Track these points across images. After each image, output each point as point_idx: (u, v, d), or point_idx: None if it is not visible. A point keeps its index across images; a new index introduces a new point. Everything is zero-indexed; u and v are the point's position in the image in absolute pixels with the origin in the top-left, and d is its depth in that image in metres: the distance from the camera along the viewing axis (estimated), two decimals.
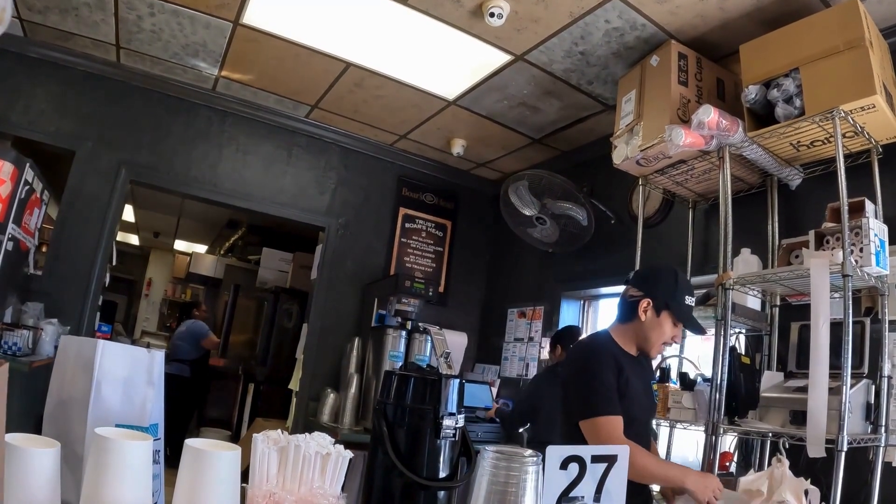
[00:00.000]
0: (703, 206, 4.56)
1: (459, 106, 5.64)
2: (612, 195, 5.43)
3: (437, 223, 7.14)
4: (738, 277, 3.52)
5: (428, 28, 4.52)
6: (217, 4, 4.75)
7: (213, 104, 6.39)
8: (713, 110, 3.51)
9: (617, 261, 5.19)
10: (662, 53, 4.09)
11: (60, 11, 5.22)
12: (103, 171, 5.96)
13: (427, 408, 1.62)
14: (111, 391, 1.58)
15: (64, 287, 5.68)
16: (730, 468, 3.69)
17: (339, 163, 6.84)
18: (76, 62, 5.94)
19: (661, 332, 2.87)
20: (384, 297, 6.18)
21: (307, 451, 1.44)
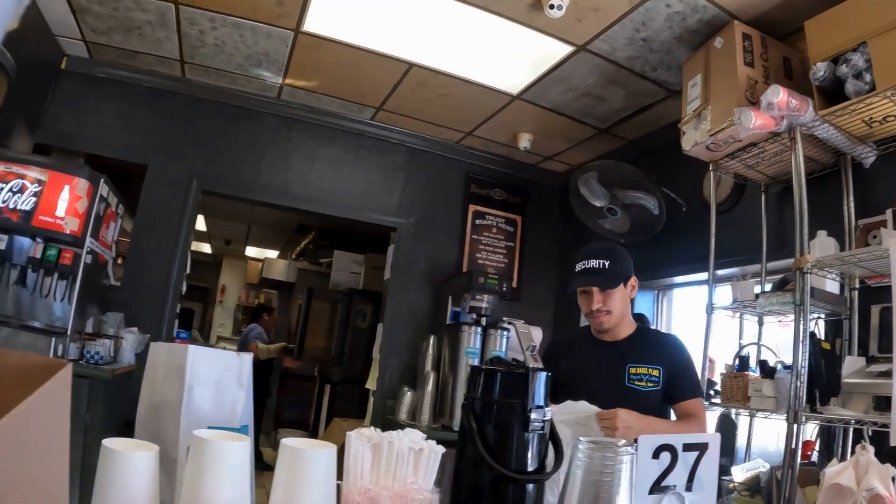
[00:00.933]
0: (775, 189, 4.45)
1: (524, 100, 5.60)
2: (681, 182, 5.32)
3: (508, 218, 7.11)
4: (816, 261, 3.43)
5: (487, 23, 4.51)
6: (277, 14, 4.81)
7: (279, 112, 6.48)
8: (782, 90, 3.42)
9: (690, 249, 5.08)
10: (726, 35, 4.00)
11: (124, 31, 5.36)
12: (175, 183, 6.11)
13: (515, 402, 1.61)
14: (202, 394, 1.61)
15: (142, 297, 5.84)
16: (812, 457, 3.60)
17: (406, 163, 6.87)
18: (142, 79, 6.10)
19: (582, 304, 3.09)
20: (458, 294, 6.19)
21: (400, 448, 1.45)
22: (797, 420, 3.26)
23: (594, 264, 2.99)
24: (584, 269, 3.01)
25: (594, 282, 2.99)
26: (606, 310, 2.99)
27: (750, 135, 3.72)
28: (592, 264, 2.99)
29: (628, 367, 2.97)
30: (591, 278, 2.99)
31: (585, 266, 3.01)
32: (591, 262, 3.00)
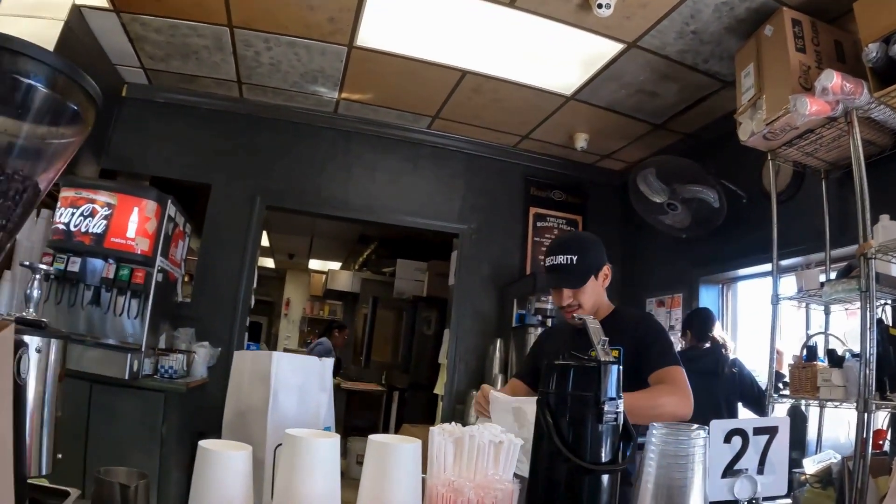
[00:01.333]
0: (835, 174, 4.37)
1: (578, 100, 5.60)
2: (739, 173, 5.26)
3: (568, 219, 7.10)
4: (880, 246, 3.37)
5: (537, 27, 4.54)
6: (330, 31, 4.91)
7: (337, 126, 6.60)
8: (835, 74, 3.38)
9: (753, 240, 5.03)
10: (775, 22, 3.95)
11: (181, 56, 5.53)
12: (239, 201, 6.26)
13: (588, 395, 1.63)
14: (287, 398, 1.67)
15: (212, 311, 6.00)
16: (883, 446, 3.53)
17: (465, 169, 6.91)
18: (201, 101, 6.29)
19: (554, 299, 2.98)
20: (523, 296, 6.21)
21: (481, 441, 1.49)
22: (867, 409, 3.21)
23: (561, 260, 2.88)
24: (551, 265, 2.90)
25: (561, 281, 2.89)
26: (577, 303, 2.89)
27: (806, 121, 3.67)
28: (560, 260, 2.88)
29: (589, 352, 2.88)
30: (559, 277, 2.89)
31: (553, 263, 2.90)
32: (559, 258, 2.89)
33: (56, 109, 1.13)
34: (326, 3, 4.60)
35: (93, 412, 4.52)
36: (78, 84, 1.11)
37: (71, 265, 4.68)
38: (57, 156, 1.19)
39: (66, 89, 1.11)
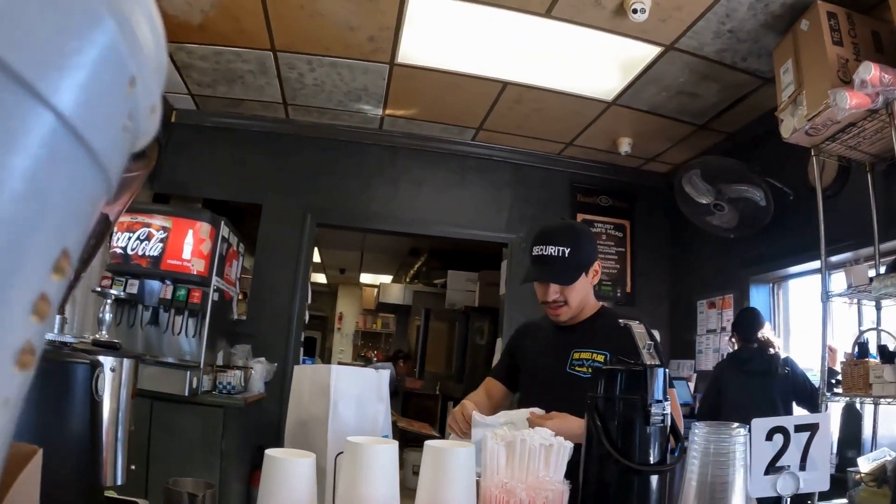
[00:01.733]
0: (881, 167, 4.32)
1: (619, 105, 5.63)
2: (785, 170, 5.22)
3: (616, 224, 7.10)
4: None
5: (574, 35, 4.58)
6: (371, 50, 5.02)
7: (382, 142, 6.70)
8: (873, 66, 3.37)
9: (801, 237, 4.99)
10: (811, 16, 3.94)
11: (227, 82, 5.67)
12: (290, 219, 6.39)
13: (635, 397, 1.67)
14: (346, 409, 1.73)
15: (267, 328, 6.12)
16: None
17: (511, 178, 6.95)
18: (249, 124, 6.44)
19: (538, 293, 2.69)
20: None
21: (532, 444, 1.54)
22: None
23: (552, 251, 2.58)
24: (540, 255, 2.60)
25: (551, 275, 2.59)
26: (563, 300, 2.62)
27: (847, 115, 3.66)
28: (550, 251, 2.58)
29: (572, 353, 2.64)
30: (548, 270, 2.59)
31: (542, 253, 2.59)
32: (548, 248, 2.58)
33: None
34: (366, 24, 4.70)
35: (154, 428, 4.65)
36: None
37: (130, 287, 4.83)
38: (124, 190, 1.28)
39: None
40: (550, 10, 4.33)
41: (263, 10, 4.70)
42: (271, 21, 4.82)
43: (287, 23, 4.83)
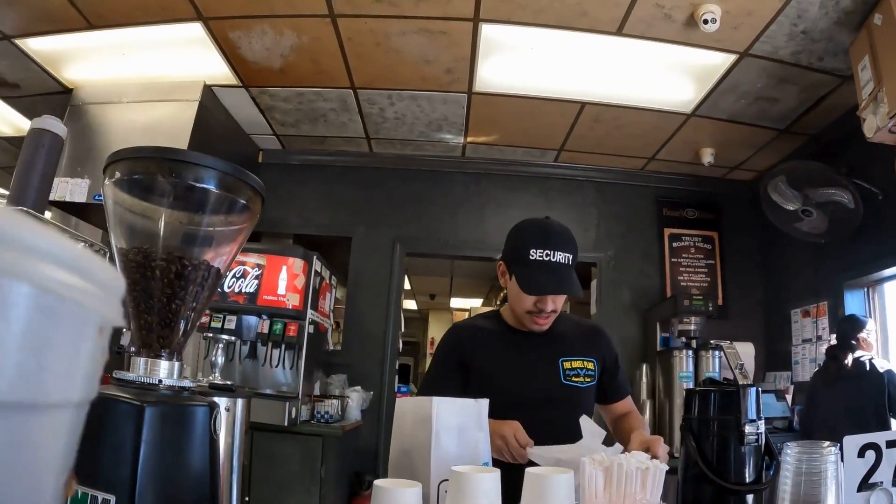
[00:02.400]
0: None
1: (699, 116, 5.60)
2: (872, 169, 5.07)
3: (704, 236, 7.01)
4: None
5: (647, 50, 4.62)
6: (448, 81, 5.14)
7: (466, 169, 6.81)
8: None
9: (894, 238, 4.90)
10: (884, 9, 3.85)
11: (310, 121, 5.88)
12: (379, 250, 6.55)
13: (729, 418, 1.70)
14: (448, 439, 1.78)
15: (362, 357, 6.27)
16: None
17: (595, 197, 6.96)
18: (334, 160, 6.65)
19: (518, 300, 2.43)
20: (665, 319, 6.17)
21: (629, 468, 1.56)
22: None
23: (560, 259, 2.33)
24: (552, 263, 2.32)
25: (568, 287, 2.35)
26: (554, 310, 2.42)
27: None
28: (559, 258, 2.33)
29: (562, 362, 2.47)
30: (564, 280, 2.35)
31: (551, 259, 2.32)
32: (557, 255, 2.33)
33: (228, 204, 1.33)
34: (442, 56, 4.82)
35: (255, 457, 4.79)
36: (244, 182, 1.31)
37: (228, 323, 5.01)
38: (232, 242, 1.40)
39: (234, 187, 1.31)
40: (621, 28, 4.37)
41: (341, 51, 4.86)
42: (349, 60, 4.99)
43: (365, 61, 4.99)
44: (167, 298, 1.29)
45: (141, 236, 1.35)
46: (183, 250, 1.31)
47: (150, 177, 1.31)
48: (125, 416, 1.13)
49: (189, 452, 1.20)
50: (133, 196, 1.35)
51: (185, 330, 1.33)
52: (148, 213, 1.35)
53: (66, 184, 5.13)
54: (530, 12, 4.29)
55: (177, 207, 1.34)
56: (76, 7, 4.67)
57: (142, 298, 1.29)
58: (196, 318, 1.35)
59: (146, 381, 1.24)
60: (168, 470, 1.17)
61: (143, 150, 1.29)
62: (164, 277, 1.29)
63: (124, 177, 1.31)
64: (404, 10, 4.36)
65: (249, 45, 4.93)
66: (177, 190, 1.30)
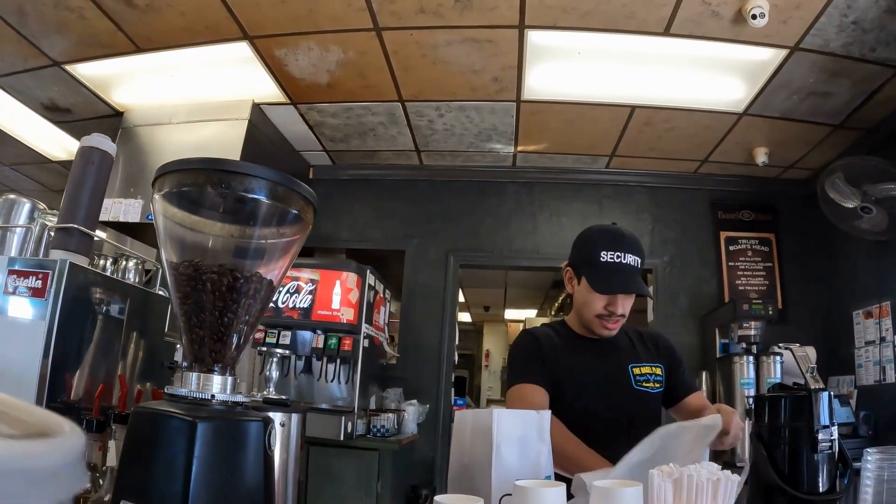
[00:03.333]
0: None
1: (751, 115, 5.48)
2: None
3: (760, 238, 6.87)
4: None
5: (695, 49, 4.54)
6: (496, 90, 5.12)
7: (517, 178, 6.78)
8: None
9: None
10: None
11: (359, 135, 5.91)
12: (433, 262, 6.55)
13: (800, 424, 1.65)
14: (509, 451, 1.75)
15: (417, 370, 6.28)
16: None
17: (649, 202, 6.87)
18: (384, 174, 6.67)
19: (588, 304, 2.44)
20: (724, 325, 6.03)
21: (699, 479, 1.52)
22: None
23: (630, 261, 2.38)
24: (622, 265, 2.37)
25: (638, 286, 2.40)
26: (622, 314, 2.43)
27: None
28: (629, 261, 2.38)
29: (631, 368, 2.48)
30: (635, 281, 2.40)
31: (621, 261, 2.37)
32: (627, 257, 2.38)
33: (279, 215, 1.32)
34: (489, 65, 4.81)
35: (311, 472, 4.81)
36: (295, 191, 1.30)
37: (282, 339, 5.04)
38: (285, 254, 1.38)
39: (285, 197, 1.30)
40: (668, 28, 4.30)
41: (388, 64, 4.87)
42: (396, 73, 4.99)
43: (412, 73, 4.99)
44: (219, 312, 1.28)
45: (191, 249, 1.34)
46: (234, 262, 1.30)
47: (198, 188, 1.31)
48: (177, 431, 1.12)
49: (243, 468, 1.19)
50: (182, 209, 1.34)
51: (237, 344, 1.31)
52: (198, 225, 1.35)
53: (120, 204, 5.22)
54: (576, 16, 4.24)
55: (227, 219, 1.33)
56: (123, 32, 4.74)
57: (193, 312, 1.28)
58: (249, 332, 1.33)
59: (198, 396, 1.23)
60: (221, 486, 1.16)
61: (190, 161, 1.28)
62: (216, 290, 1.28)
63: (173, 189, 1.30)
64: (449, 20, 4.35)
65: (296, 61, 4.96)
66: (226, 201, 1.29)
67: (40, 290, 2.30)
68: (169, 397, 1.24)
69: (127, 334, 2.82)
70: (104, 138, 2.71)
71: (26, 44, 5.01)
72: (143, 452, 1.15)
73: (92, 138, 2.67)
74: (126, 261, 3.21)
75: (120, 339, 2.76)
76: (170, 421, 1.13)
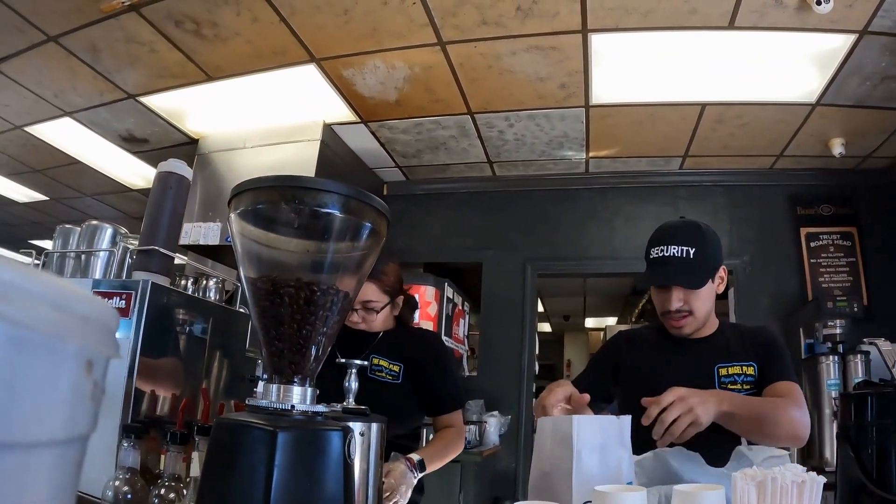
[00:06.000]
0: None
1: (823, 105, 5.33)
2: None
3: (842, 232, 6.68)
4: None
5: (760, 41, 4.45)
6: (564, 96, 5.13)
7: (591, 184, 6.76)
8: None
9: None
10: None
11: (431, 150, 5.97)
12: (511, 273, 6.57)
13: (888, 422, 1.61)
14: (589, 458, 1.74)
15: (498, 382, 6.28)
16: None
17: (725, 202, 6.76)
18: (457, 187, 6.73)
19: (655, 305, 2.44)
20: (808, 324, 5.87)
21: (783, 482, 1.50)
22: None
23: (674, 252, 2.32)
24: (660, 258, 2.34)
25: (676, 278, 2.33)
26: (687, 310, 2.34)
27: None
28: (672, 252, 2.32)
29: (717, 368, 2.38)
30: (672, 272, 2.33)
31: (662, 254, 2.33)
32: (671, 248, 2.33)
33: (353, 228, 1.35)
34: (555, 72, 4.81)
35: None
36: (367, 204, 1.33)
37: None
38: (359, 266, 1.41)
39: (358, 210, 1.33)
40: (732, 21, 4.23)
41: (454, 77, 4.91)
42: (463, 86, 5.03)
43: (479, 85, 5.02)
44: (297, 325, 1.31)
45: (268, 265, 1.38)
46: (311, 276, 1.33)
47: (273, 205, 1.34)
48: (258, 441, 1.15)
49: (323, 477, 1.21)
50: (258, 226, 1.38)
51: (316, 355, 1.34)
52: (274, 241, 1.38)
53: (199, 228, 5.37)
54: (638, 16, 4.21)
55: (302, 234, 1.37)
56: (194, 62, 4.89)
57: (272, 326, 1.32)
58: (327, 344, 1.36)
59: (279, 406, 1.26)
60: (302, 495, 1.18)
61: (265, 179, 1.32)
62: (293, 304, 1.31)
63: (249, 208, 1.34)
64: (511, 29, 4.37)
65: (363, 80, 5.04)
66: (301, 216, 1.32)
67: (124, 309, 2.36)
68: (250, 409, 1.28)
69: (209, 351, 2.88)
70: (181, 163, 2.78)
71: (101, 79, 5.21)
72: (225, 462, 1.18)
73: (169, 163, 2.74)
74: (207, 280, 3.28)
75: (202, 355, 2.83)
76: (251, 431, 1.16)
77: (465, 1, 4.13)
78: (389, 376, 2.75)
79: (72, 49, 4.91)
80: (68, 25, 4.64)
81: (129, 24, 4.56)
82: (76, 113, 5.90)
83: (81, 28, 4.65)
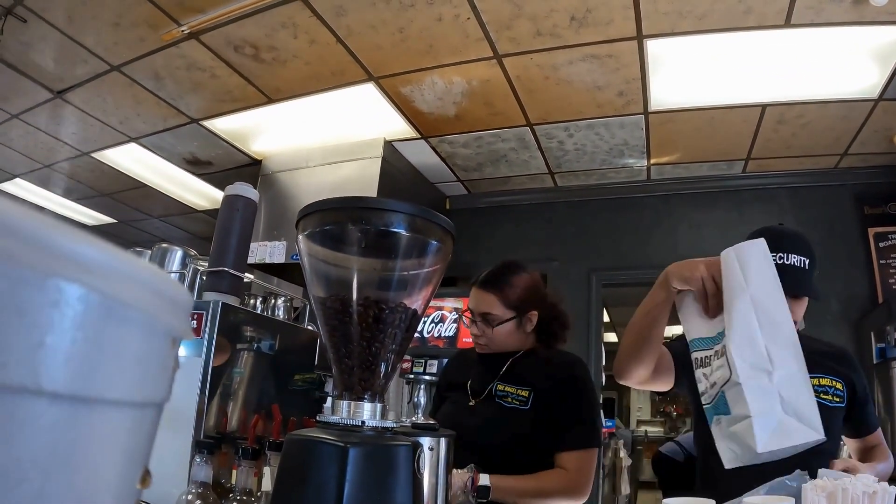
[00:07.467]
0: None
1: (886, 99, 5.18)
2: None
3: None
4: None
5: (817, 38, 4.37)
6: (622, 104, 5.11)
7: (653, 192, 6.70)
8: None
9: None
10: None
11: (491, 163, 5.99)
12: (575, 284, 6.53)
13: None
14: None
15: None
16: None
17: (790, 204, 6.63)
18: (520, 199, 6.74)
19: None
20: (879, 328, 5.73)
21: (854, 493, 1.49)
22: None
23: (794, 261, 2.26)
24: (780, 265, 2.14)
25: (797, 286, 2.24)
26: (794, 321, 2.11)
27: None
28: (793, 261, 2.26)
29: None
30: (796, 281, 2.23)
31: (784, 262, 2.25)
32: (792, 256, 2.27)
33: (419, 246, 1.38)
34: (612, 80, 4.80)
35: None
36: (432, 222, 1.35)
37: (429, 367, 5.13)
38: (427, 284, 1.44)
39: (424, 229, 1.35)
40: (788, 19, 4.17)
41: (511, 89, 4.93)
42: (521, 98, 5.04)
43: (536, 96, 5.03)
44: (366, 342, 1.34)
45: (337, 284, 1.41)
46: (379, 294, 1.36)
47: (340, 226, 1.37)
48: (329, 456, 1.17)
49: (393, 491, 1.23)
50: (326, 247, 1.41)
51: (385, 372, 1.37)
52: (341, 261, 1.41)
53: (265, 247, 5.47)
54: (692, 20, 4.19)
55: (369, 253, 1.39)
56: (254, 85, 5.00)
57: (342, 343, 1.35)
58: (396, 360, 1.39)
59: (349, 422, 1.28)
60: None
61: (331, 201, 1.35)
62: (363, 322, 1.33)
63: (316, 229, 1.37)
64: (566, 39, 4.38)
65: (422, 97, 5.08)
66: (367, 237, 1.35)
67: (196, 329, 2.43)
68: (321, 425, 1.31)
69: (278, 368, 2.94)
70: (247, 186, 2.86)
71: (165, 105, 5.35)
72: (296, 477, 1.22)
73: (235, 187, 2.82)
74: (275, 299, 3.35)
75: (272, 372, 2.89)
76: (322, 446, 1.19)
77: (520, 13, 4.16)
78: (517, 401, 2.56)
79: (135, 77, 5.07)
80: (131, 55, 4.80)
81: (189, 51, 4.70)
82: (141, 138, 6.08)
83: (143, 57, 4.81)
